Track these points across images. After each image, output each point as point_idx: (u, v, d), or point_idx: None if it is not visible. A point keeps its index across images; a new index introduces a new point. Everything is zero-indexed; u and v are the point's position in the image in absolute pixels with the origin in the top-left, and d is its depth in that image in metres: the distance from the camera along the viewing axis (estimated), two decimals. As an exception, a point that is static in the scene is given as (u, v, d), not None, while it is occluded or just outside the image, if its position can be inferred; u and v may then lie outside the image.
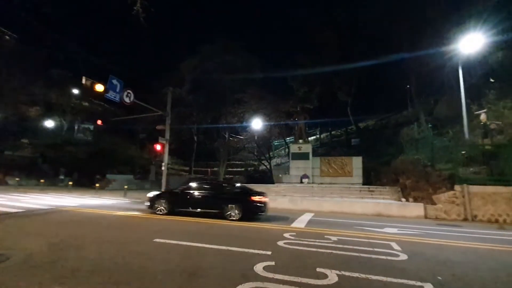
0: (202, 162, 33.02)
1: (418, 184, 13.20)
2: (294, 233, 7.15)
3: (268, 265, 4.36)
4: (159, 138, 17.74)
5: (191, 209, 9.66)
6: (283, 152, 33.45)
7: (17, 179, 21.46)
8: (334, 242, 6.31)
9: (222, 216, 9.23)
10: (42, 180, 21.83)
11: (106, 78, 13.10)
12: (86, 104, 36.26)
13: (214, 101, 24.82)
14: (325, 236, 6.90)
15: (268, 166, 25.86)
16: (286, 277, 3.85)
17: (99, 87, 12.78)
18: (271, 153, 28.79)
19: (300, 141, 21.14)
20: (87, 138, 36.47)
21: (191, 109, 26.48)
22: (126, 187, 18.18)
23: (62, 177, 25.61)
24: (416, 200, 12.79)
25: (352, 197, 14.21)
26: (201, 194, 9.91)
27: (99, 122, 35.50)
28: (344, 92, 27.06)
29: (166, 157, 17.50)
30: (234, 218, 9.08)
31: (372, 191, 15.10)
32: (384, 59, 20.86)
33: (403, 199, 13.33)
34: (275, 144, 34.28)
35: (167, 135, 17.43)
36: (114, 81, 13.51)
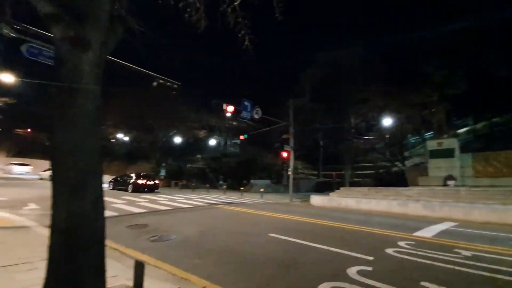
0: (330, 166, 33.00)
1: None
2: (413, 242, 6.48)
3: (364, 270, 4.37)
4: (284, 146, 19.81)
5: (118, 187, 19.78)
6: (422, 150, 28.36)
7: (193, 184, 29.27)
8: (464, 257, 5.34)
9: (126, 190, 18.73)
10: (207, 185, 28.64)
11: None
12: (235, 123, 44.97)
13: (334, 104, 24.64)
14: (454, 250, 5.90)
15: (401, 167, 22.74)
16: (377, 284, 3.79)
17: (230, 108, 16.90)
18: (405, 153, 25.07)
19: (445, 136, 17.59)
20: (236, 150, 44.99)
21: (313, 116, 27.32)
22: (262, 190, 21.02)
23: (220, 182, 32.55)
24: None
25: (523, 205, 10.53)
26: (122, 180, 20.30)
27: (241, 137, 43.23)
28: (508, 66, 19.84)
29: (291, 163, 19.22)
30: (129, 191, 18.34)
31: (561, 197, 10.61)
32: None
33: None
34: (411, 141, 29.44)
35: (291, 143, 19.12)
36: (246, 103, 16.70)
